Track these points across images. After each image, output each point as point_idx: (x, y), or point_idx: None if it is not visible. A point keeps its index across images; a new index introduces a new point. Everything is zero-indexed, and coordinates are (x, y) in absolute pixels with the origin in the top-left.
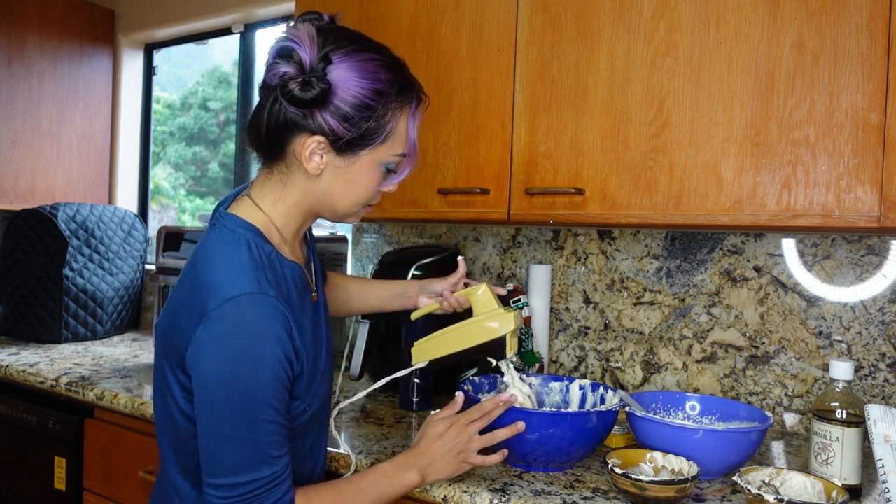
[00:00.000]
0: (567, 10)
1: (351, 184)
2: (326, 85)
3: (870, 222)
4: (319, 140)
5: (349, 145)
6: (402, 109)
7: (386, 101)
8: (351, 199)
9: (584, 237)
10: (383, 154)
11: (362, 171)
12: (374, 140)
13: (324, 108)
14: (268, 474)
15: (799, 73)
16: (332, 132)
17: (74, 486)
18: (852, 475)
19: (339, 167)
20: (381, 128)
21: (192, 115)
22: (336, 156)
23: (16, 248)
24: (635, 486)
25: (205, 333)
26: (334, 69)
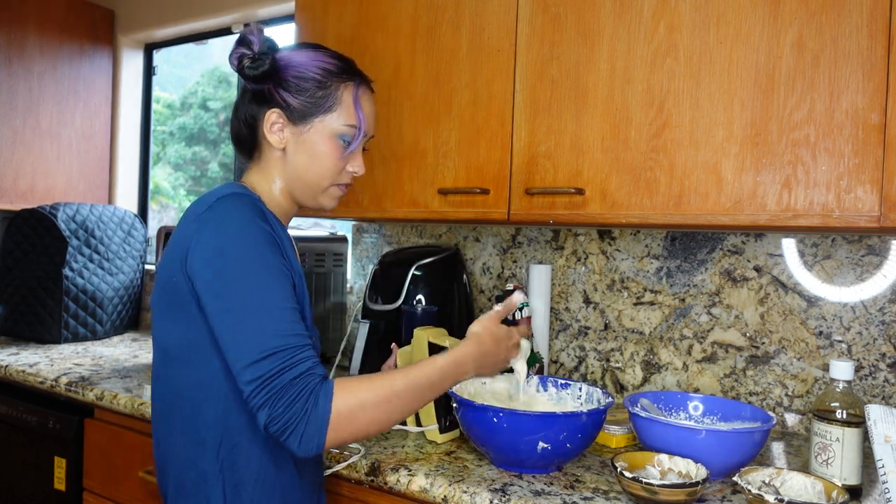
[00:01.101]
0: (567, 10)
1: (312, 154)
2: (274, 61)
3: (870, 222)
4: (278, 113)
5: (302, 115)
6: (345, 84)
7: (330, 75)
8: (316, 171)
9: (584, 237)
10: (335, 123)
11: (319, 140)
12: (323, 107)
13: (277, 84)
14: (294, 344)
15: (799, 74)
16: (287, 103)
17: (74, 486)
18: (852, 475)
19: (297, 136)
20: (328, 97)
21: (192, 115)
22: (293, 126)
23: (16, 248)
24: (646, 489)
25: (200, 227)
26: (281, 53)
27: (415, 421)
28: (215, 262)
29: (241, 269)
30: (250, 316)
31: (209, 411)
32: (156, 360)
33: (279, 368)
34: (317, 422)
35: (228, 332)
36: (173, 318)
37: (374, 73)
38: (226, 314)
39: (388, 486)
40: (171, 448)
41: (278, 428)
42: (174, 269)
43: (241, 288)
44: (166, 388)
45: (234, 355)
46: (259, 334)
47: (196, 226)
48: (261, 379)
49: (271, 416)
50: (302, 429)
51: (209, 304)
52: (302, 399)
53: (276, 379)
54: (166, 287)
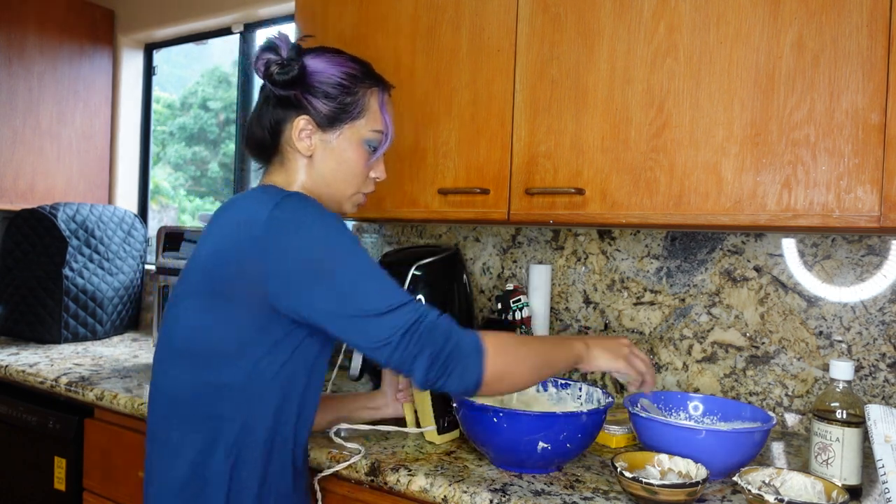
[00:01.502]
0: (567, 10)
1: (340, 161)
2: (302, 67)
3: (870, 222)
4: (307, 119)
5: (331, 120)
6: (371, 90)
7: (356, 81)
8: (343, 178)
9: (584, 237)
10: (363, 130)
11: (347, 147)
12: (352, 113)
13: (305, 90)
14: (412, 298)
15: (799, 74)
16: (315, 109)
17: (74, 486)
18: (852, 475)
19: (327, 143)
20: (356, 103)
21: (192, 115)
22: (322, 132)
23: (16, 248)
24: (646, 489)
25: (276, 222)
26: (308, 59)
27: (414, 421)
28: (317, 251)
29: (339, 244)
30: (364, 278)
31: (226, 411)
32: (166, 356)
33: (416, 317)
34: (475, 354)
35: (349, 306)
36: (215, 316)
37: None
38: (332, 290)
39: (388, 486)
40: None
41: (439, 368)
42: (229, 267)
43: (345, 258)
44: (177, 384)
45: (361, 326)
46: (382, 292)
47: (265, 228)
48: (404, 329)
49: (432, 357)
50: (464, 362)
51: (306, 285)
52: (454, 336)
53: (420, 325)
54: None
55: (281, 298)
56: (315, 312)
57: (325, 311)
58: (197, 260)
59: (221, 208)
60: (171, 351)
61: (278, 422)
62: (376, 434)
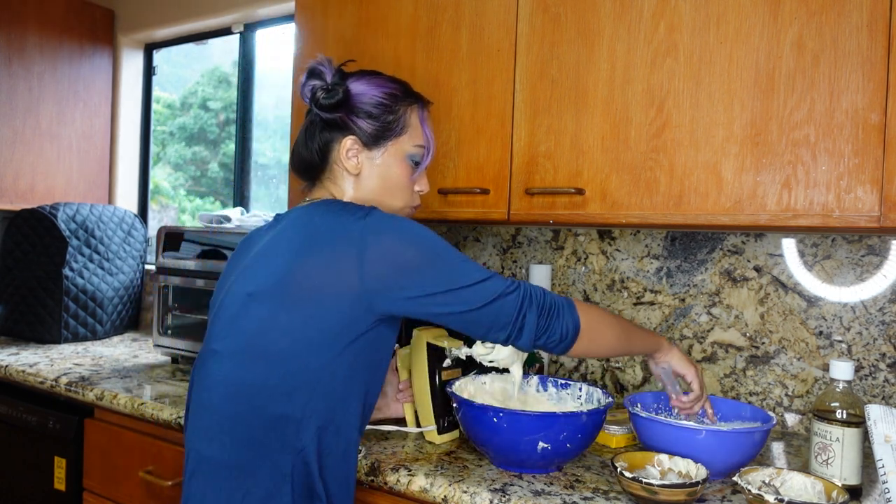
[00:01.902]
0: (567, 10)
1: (386, 177)
2: (346, 90)
3: (870, 222)
4: (353, 139)
5: (375, 139)
6: (411, 107)
7: (397, 100)
8: (390, 193)
9: (584, 237)
10: (406, 145)
11: (393, 163)
12: (394, 130)
13: (350, 112)
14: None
15: (799, 73)
16: (361, 129)
17: (74, 486)
18: (852, 475)
19: (373, 160)
20: (398, 120)
21: (192, 115)
22: (368, 151)
23: (16, 248)
24: (646, 489)
25: (371, 229)
26: (351, 82)
27: (414, 421)
28: (416, 246)
29: (437, 242)
30: (466, 262)
31: (299, 411)
32: (239, 357)
33: (513, 281)
34: (569, 306)
35: (458, 279)
36: (301, 316)
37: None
38: (447, 273)
39: (388, 486)
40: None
41: (545, 319)
42: (318, 272)
43: (446, 251)
44: (251, 383)
45: (471, 293)
46: (479, 268)
47: (363, 233)
48: (509, 285)
49: (539, 309)
50: (563, 312)
51: (422, 278)
52: (549, 293)
53: (520, 285)
54: (295, 289)
55: (378, 297)
56: (425, 298)
57: (434, 294)
58: (275, 264)
59: (297, 219)
60: (238, 351)
61: (354, 413)
62: (376, 434)
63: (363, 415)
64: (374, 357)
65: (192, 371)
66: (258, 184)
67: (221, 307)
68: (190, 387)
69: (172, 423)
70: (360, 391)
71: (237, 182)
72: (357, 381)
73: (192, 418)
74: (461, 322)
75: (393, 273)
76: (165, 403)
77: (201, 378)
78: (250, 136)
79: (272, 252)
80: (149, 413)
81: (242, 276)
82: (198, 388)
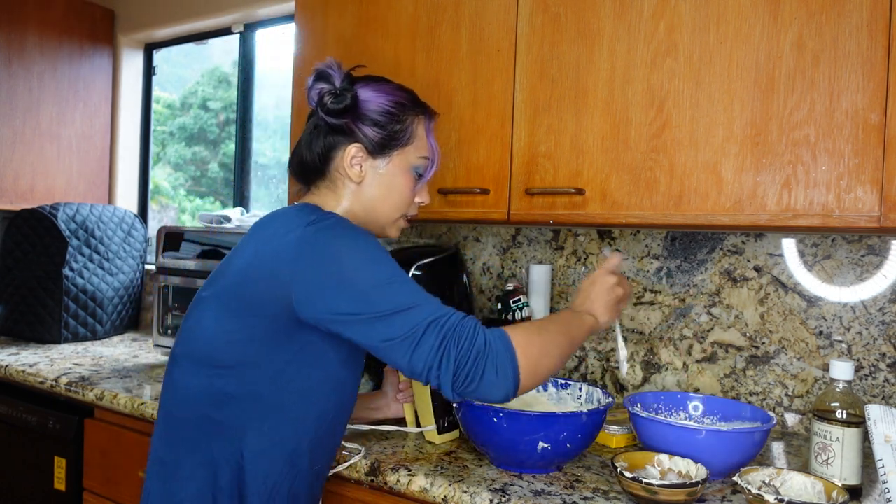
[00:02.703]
0: (567, 9)
1: (389, 187)
2: (355, 96)
3: (870, 222)
4: (358, 147)
5: (382, 148)
6: (418, 118)
7: (404, 109)
8: (391, 203)
9: (584, 237)
10: (411, 156)
11: (397, 173)
12: (401, 141)
13: (357, 118)
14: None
15: (799, 73)
16: (367, 137)
17: (74, 486)
18: (852, 475)
19: (377, 169)
20: (405, 130)
21: (192, 115)
22: (373, 160)
23: (16, 248)
24: (646, 489)
25: (308, 236)
26: (359, 88)
27: (414, 421)
28: (343, 261)
29: (369, 258)
30: (389, 286)
31: (239, 421)
32: (183, 360)
33: (438, 315)
34: (506, 352)
35: (368, 307)
36: (241, 324)
37: (374, 73)
38: (361, 296)
39: (388, 486)
40: (176, 461)
41: (469, 370)
42: (260, 277)
43: (376, 266)
44: (189, 389)
45: (380, 326)
46: (404, 294)
47: (300, 239)
48: (424, 325)
49: (458, 359)
50: (496, 362)
51: (339, 296)
52: (480, 335)
53: (442, 323)
54: (239, 294)
55: (304, 306)
56: (336, 317)
57: (345, 315)
58: (229, 268)
59: (260, 222)
60: (188, 356)
61: (297, 431)
62: (376, 434)
63: (318, 444)
64: (334, 379)
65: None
66: (258, 184)
67: (186, 312)
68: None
69: None
70: (313, 413)
71: (237, 182)
72: (309, 402)
73: (157, 421)
74: (379, 354)
75: (317, 284)
76: None
77: (165, 382)
78: (250, 136)
79: (232, 256)
80: (149, 413)
81: (206, 282)
82: (162, 390)
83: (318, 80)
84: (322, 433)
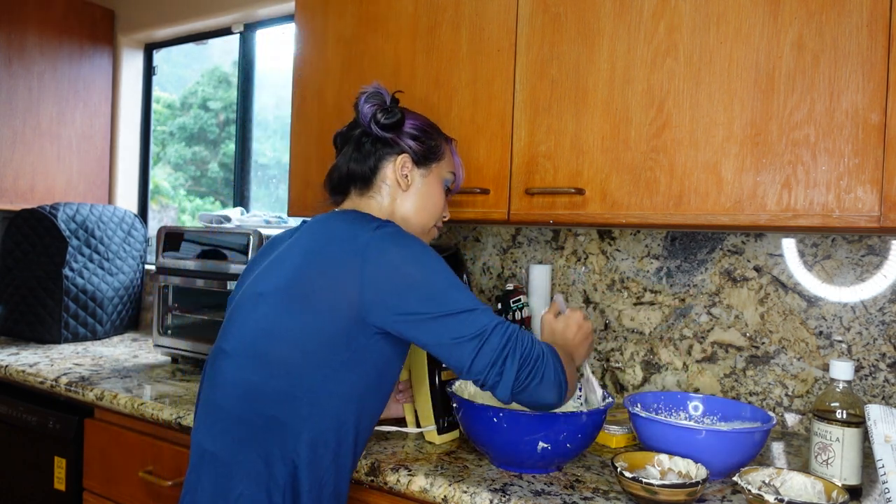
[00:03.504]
0: (567, 9)
1: (427, 197)
2: (402, 112)
3: (870, 222)
4: (407, 156)
5: (425, 159)
6: (444, 140)
7: (435, 130)
8: (429, 212)
9: (584, 237)
10: (444, 171)
11: (434, 184)
12: (437, 155)
13: (402, 133)
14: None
15: (799, 73)
16: (412, 149)
17: (74, 486)
18: (852, 475)
19: (422, 178)
20: (439, 147)
21: (192, 115)
22: (418, 169)
23: (16, 248)
24: (646, 489)
25: (376, 241)
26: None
27: (414, 421)
28: (411, 265)
29: (436, 264)
30: (457, 290)
31: (293, 419)
32: (240, 357)
33: (501, 320)
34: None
35: (439, 306)
36: (301, 321)
37: (375, 73)
38: (431, 297)
39: (388, 486)
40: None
41: (530, 371)
42: (322, 279)
43: (442, 273)
44: (248, 385)
45: (451, 323)
46: (470, 298)
47: (368, 244)
48: (492, 326)
49: (522, 359)
50: (550, 367)
51: (406, 299)
52: (538, 344)
53: (507, 327)
54: (300, 293)
55: (375, 307)
56: (406, 317)
57: (416, 314)
58: (284, 266)
59: (314, 225)
60: (244, 352)
61: (345, 430)
62: (376, 434)
63: (358, 444)
64: (369, 376)
65: (203, 368)
66: (258, 184)
67: (235, 308)
68: (200, 384)
69: (172, 423)
70: (353, 411)
71: (237, 182)
72: (352, 399)
73: (200, 415)
74: (442, 351)
75: (388, 286)
76: (165, 403)
77: (212, 376)
78: (250, 136)
79: (287, 255)
80: (149, 413)
81: (258, 278)
82: (208, 385)
83: (369, 98)
84: (361, 433)
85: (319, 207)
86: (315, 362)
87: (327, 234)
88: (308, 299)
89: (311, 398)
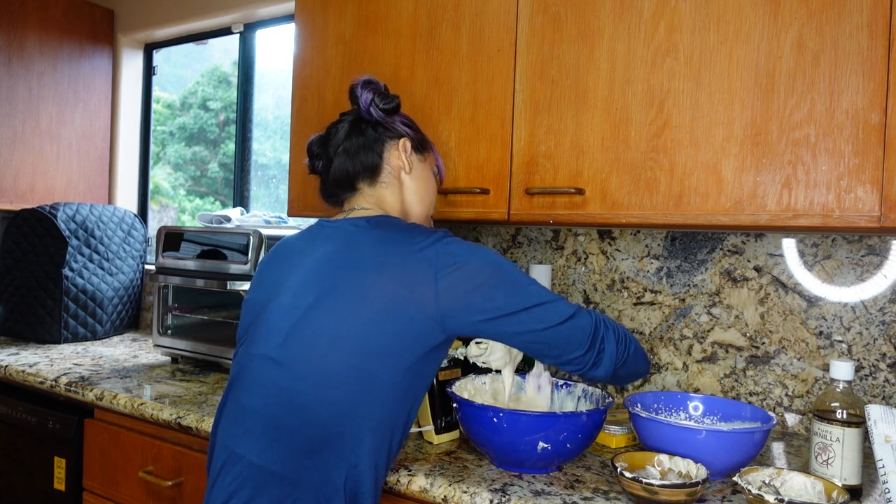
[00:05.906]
0: (567, 10)
1: (427, 182)
2: (398, 98)
3: (870, 222)
4: (407, 140)
5: (421, 144)
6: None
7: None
8: (429, 200)
9: (584, 237)
10: (431, 163)
11: (429, 171)
12: (427, 146)
13: (396, 121)
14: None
15: (799, 73)
16: (409, 135)
17: (74, 486)
18: (853, 475)
19: (420, 163)
20: (427, 139)
21: (192, 115)
22: (416, 154)
23: (16, 248)
24: (646, 489)
25: (448, 249)
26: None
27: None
28: (490, 265)
29: (507, 263)
30: (543, 291)
31: (355, 429)
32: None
33: (591, 310)
34: (635, 339)
35: (527, 299)
36: (377, 330)
37: (375, 73)
38: (519, 294)
39: (387, 486)
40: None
41: (623, 350)
42: (391, 286)
43: (520, 274)
44: (322, 401)
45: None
46: (558, 297)
47: (438, 252)
48: (595, 319)
49: (617, 338)
50: (635, 345)
51: (495, 293)
52: (621, 326)
53: (598, 315)
54: (369, 301)
55: (456, 313)
56: (491, 316)
57: (502, 310)
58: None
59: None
60: (302, 361)
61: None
62: None
63: (402, 438)
64: (426, 378)
65: (233, 371)
66: (258, 184)
67: (276, 314)
68: (229, 387)
69: (172, 423)
70: (406, 411)
71: (237, 182)
72: (408, 400)
73: (230, 419)
74: (537, 341)
75: (470, 292)
76: (165, 403)
77: (248, 382)
78: (250, 136)
79: (340, 263)
80: (148, 413)
81: (304, 286)
82: (246, 392)
83: (365, 86)
84: (405, 432)
85: (319, 207)
86: (384, 370)
87: (386, 243)
88: (382, 308)
89: (379, 404)
